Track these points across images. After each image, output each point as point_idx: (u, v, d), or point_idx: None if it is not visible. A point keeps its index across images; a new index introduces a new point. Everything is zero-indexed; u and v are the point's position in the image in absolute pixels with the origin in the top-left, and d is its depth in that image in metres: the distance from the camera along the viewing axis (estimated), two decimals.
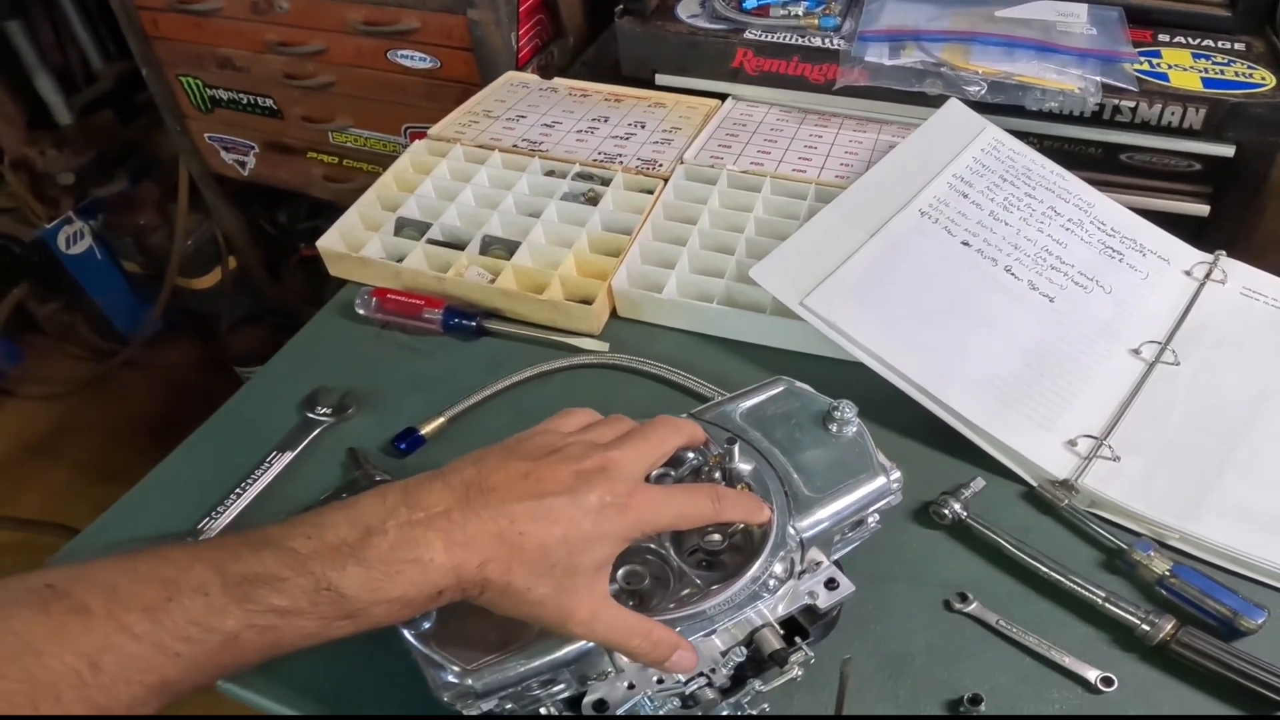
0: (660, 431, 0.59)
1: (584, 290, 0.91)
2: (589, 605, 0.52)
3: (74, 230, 2.09)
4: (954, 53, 1.10)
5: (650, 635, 0.54)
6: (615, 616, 0.53)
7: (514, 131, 1.13)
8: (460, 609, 0.54)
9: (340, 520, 0.48)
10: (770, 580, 0.59)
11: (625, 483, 0.54)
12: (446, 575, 0.48)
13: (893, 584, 0.70)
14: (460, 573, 0.48)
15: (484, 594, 0.50)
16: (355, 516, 0.49)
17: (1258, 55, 1.12)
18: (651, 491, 0.56)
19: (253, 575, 0.45)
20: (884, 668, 0.65)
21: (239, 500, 0.76)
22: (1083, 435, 0.77)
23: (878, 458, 0.64)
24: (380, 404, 0.85)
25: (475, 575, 0.49)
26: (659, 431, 0.59)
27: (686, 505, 0.56)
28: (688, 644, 0.55)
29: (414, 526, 0.48)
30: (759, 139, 1.11)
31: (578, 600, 0.52)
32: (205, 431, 0.85)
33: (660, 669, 0.55)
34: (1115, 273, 0.90)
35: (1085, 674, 0.64)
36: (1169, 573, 0.68)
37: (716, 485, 0.61)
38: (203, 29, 1.58)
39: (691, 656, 0.55)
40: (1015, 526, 0.72)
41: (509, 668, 0.53)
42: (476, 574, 0.49)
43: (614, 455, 0.55)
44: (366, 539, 0.47)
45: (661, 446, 0.59)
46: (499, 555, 0.49)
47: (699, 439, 0.63)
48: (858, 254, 0.87)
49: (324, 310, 0.96)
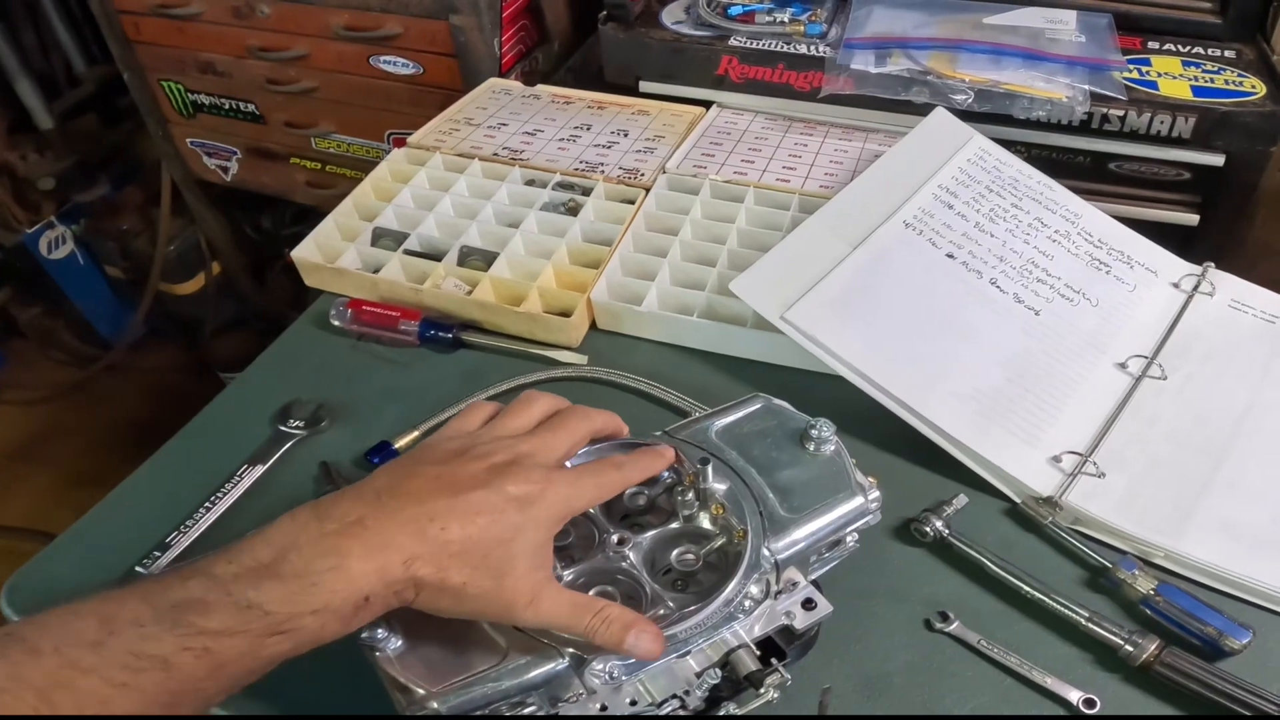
0: (570, 421, 0.61)
1: (563, 302, 0.90)
2: (530, 589, 0.52)
3: (56, 235, 2.08)
4: (941, 60, 1.09)
5: (601, 613, 0.53)
6: (560, 596, 0.54)
7: (495, 140, 1.12)
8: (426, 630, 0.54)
9: (258, 543, 0.50)
10: (746, 601, 0.58)
11: (538, 470, 0.55)
12: (369, 579, 0.49)
13: (873, 603, 0.69)
14: (385, 575, 0.49)
15: (420, 594, 0.51)
16: (271, 537, 0.50)
17: (1248, 63, 1.11)
18: (564, 475, 0.57)
19: (180, 602, 0.47)
20: (863, 688, 0.64)
21: (208, 514, 0.75)
22: (1067, 451, 0.76)
23: (856, 477, 0.63)
24: (355, 416, 0.84)
25: (403, 575, 0.49)
26: (569, 421, 0.61)
27: (599, 481, 0.58)
28: (648, 623, 0.54)
29: (327, 538, 0.50)
30: (743, 148, 1.10)
31: (519, 586, 0.52)
32: (176, 445, 0.83)
33: (622, 651, 0.54)
34: (1102, 285, 0.89)
35: (1067, 695, 0.63)
36: (1153, 591, 0.67)
37: (614, 456, 0.62)
38: (184, 33, 1.57)
39: (652, 639, 0.54)
40: (998, 544, 0.71)
41: (475, 690, 0.52)
42: (404, 573, 0.49)
43: (523, 448, 0.57)
44: (282, 556, 0.49)
45: (573, 435, 0.60)
46: (424, 553, 0.50)
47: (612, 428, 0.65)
48: (840, 266, 0.86)
49: (299, 321, 0.95)
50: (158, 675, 0.45)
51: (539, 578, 0.53)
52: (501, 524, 0.52)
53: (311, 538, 0.50)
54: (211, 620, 0.46)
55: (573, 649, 0.54)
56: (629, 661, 0.55)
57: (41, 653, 0.44)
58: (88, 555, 0.74)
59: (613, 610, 0.54)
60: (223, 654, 0.46)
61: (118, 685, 0.44)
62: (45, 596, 0.69)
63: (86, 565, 0.73)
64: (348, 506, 0.52)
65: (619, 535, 0.61)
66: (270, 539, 0.50)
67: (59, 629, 0.45)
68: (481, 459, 0.55)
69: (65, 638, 0.45)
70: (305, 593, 0.48)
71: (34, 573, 0.74)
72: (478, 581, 0.51)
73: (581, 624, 0.53)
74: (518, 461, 0.55)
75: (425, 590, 0.51)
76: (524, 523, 0.53)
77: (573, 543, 0.62)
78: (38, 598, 0.71)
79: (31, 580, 0.73)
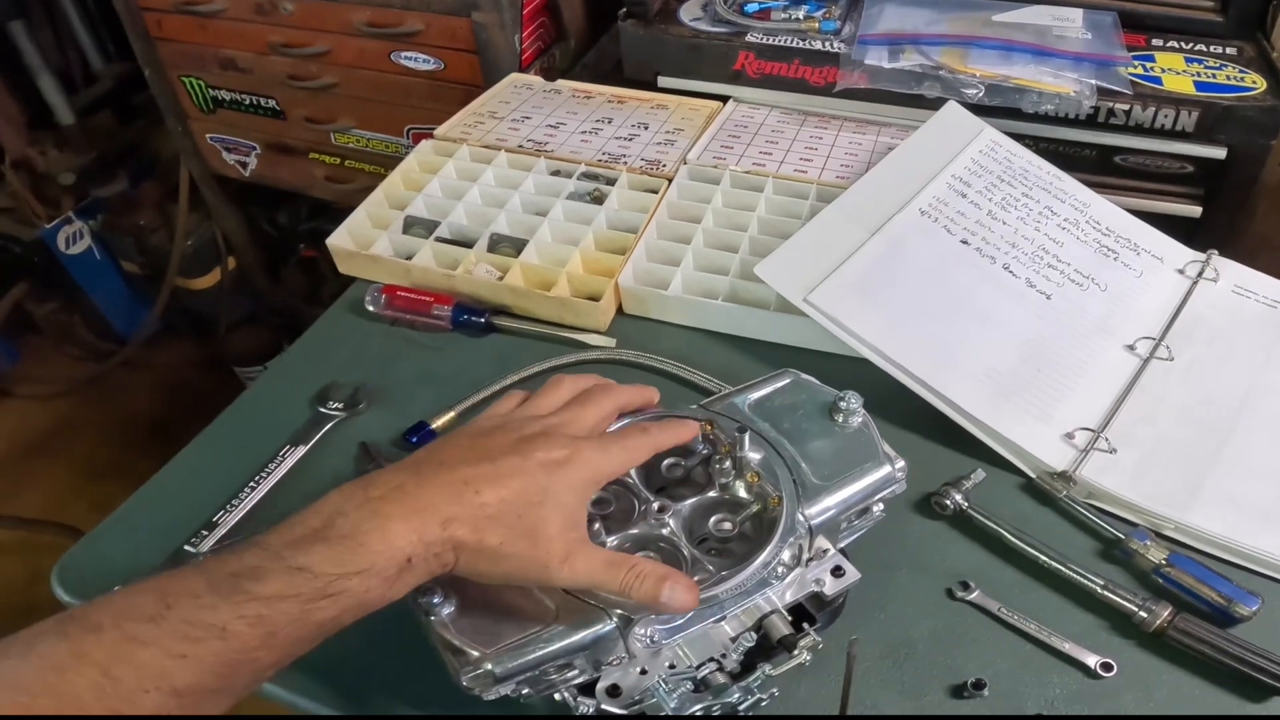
0: (598, 396, 0.64)
1: (591, 287, 0.93)
2: (564, 548, 0.54)
3: (73, 230, 2.09)
4: (952, 56, 1.12)
5: (635, 568, 0.55)
6: (595, 554, 0.56)
7: (519, 132, 1.14)
8: (478, 596, 0.56)
9: (307, 514, 0.52)
10: (779, 567, 0.60)
11: (566, 439, 0.58)
12: (410, 541, 0.51)
13: (896, 573, 0.71)
14: (424, 536, 0.51)
15: (460, 558, 0.53)
16: (319, 508, 0.52)
17: (1249, 59, 1.14)
18: (592, 442, 0.59)
19: (235, 572, 0.49)
20: (888, 654, 0.67)
21: (253, 494, 0.78)
22: (1080, 428, 0.79)
23: (883, 447, 0.65)
24: (391, 399, 0.86)
25: (441, 536, 0.52)
26: (597, 397, 0.64)
27: (626, 445, 0.60)
28: (681, 576, 0.56)
29: (370, 503, 0.52)
30: (760, 140, 1.13)
31: (552, 546, 0.54)
32: (218, 427, 0.86)
33: (656, 607, 0.55)
34: (1110, 271, 0.92)
35: (1085, 660, 0.65)
36: (1165, 561, 0.69)
37: (641, 422, 0.65)
38: (206, 30, 1.59)
39: (686, 590, 0.55)
40: (1015, 517, 0.74)
41: (526, 651, 0.54)
42: (442, 535, 0.52)
43: (552, 421, 0.60)
44: (330, 522, 0.51)
45: (600, 409, 0.63)
46: (460, 515, 0.52)
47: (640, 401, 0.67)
48: (860, 252, 0.89)
49: (334, 307, 0.97)
50: (215, 645, 0.47)
51: (572, 537, 0.55)
52: (532, 487, 0.54)
53: (356, 504, 0.52)
54: (264, 586, 0.48)
55: (620, 610, 0.56)
56: (669, 625, 0.58)
57: (102, 629, 0.46)
58: (136, 535, 0.76)
59: (646, 565, 0.55)
60: (275, 620, 0.48)
61: (176, 656, 0.46)
62: (96, 576, 0.72)
63: (135, 545, 0.75)
64: (389, 476, 0.54)
65: (659, 504, 0.63)
66: (319, 509, 0.52)
67: (118, 606, 0.47)
68: (513, 431, 0.58)
69: (124, 613, 0.47)
70: (351, 554, 0.50)
71: (84, 553, 0.75)
72: (513, 542, 0.53)
73: (616, 580, 0.55)
74: (547, 432, 0.58)
75: (464, 552, 0.53)
76: (554, 485, 0.55)
77: (614, 512, 0.64)
78: (88, 577, 0.73)
79: (81, 560, 0.75)
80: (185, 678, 0.46)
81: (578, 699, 0.57)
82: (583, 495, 0.57)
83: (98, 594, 0.69)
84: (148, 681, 0.45)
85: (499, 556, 0.53)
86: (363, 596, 0.50)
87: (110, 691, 0.44)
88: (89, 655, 0.45)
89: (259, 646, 0.48)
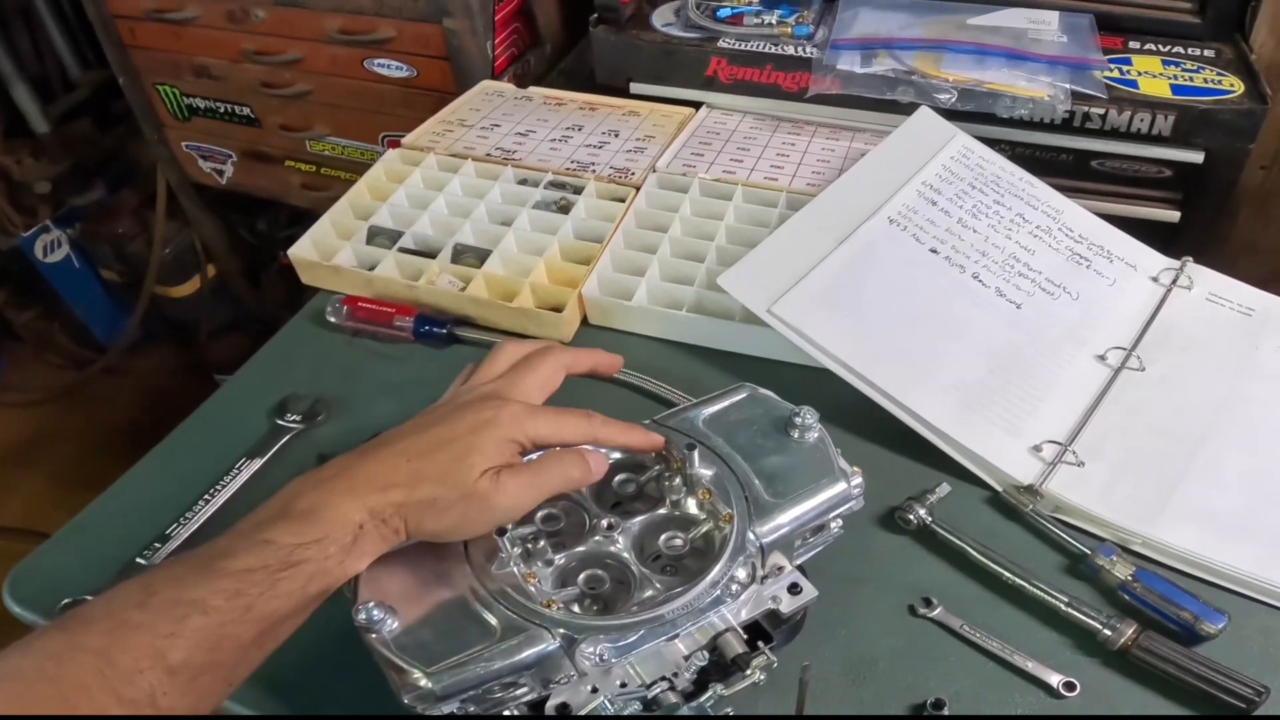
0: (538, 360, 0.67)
1: (555, 298, 0.91)
2: (489, 483, 0.58)
3: (51, 239, 2.09)
4: (925, 61, 1.11)
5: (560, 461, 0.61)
6: (519, 475, 0.59)
7: (488, 140, 1.13)
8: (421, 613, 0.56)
9: (271, 500, 0.58)
10: (733, 585, 0.59)
11: (496, 400, 0.62)
12: (357, 509, 0.56)
13: (858, 588, 0.70)
14: (368, 504, 0.56)
15: (408, 521, 0.57)
16: (281, 494, 0.58)
17: (1227, 62, 1.13)
18: (525, 404, 0.62)
19: (211, 554, 0.54)
20: (848, 672, 0.66)
21: (207, 507, 0.77)
22: (1047, 441, 0.78)
23: (839, 463, 0.64)
24: (351, 410, 0.85)
25: (383, 501, 0.56)
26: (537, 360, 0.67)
27: (560, 419, 0.62)
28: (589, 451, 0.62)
29: (323, 483, 0.57)
30: (732, 147, 1.12)
31: (480, 486, 0.57)
32: (174, 439, 0.85)
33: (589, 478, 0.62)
34: (1082, 279, 0.91)
35: (1048, 679, 0.64)
36: (1131, 578, 0.68)
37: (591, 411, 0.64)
38: (180, 38, 1.58)
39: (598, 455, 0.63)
40: (980, 531, 0.73)
41: (467, 670, 0.54)
42: (384, 500, 0.56)
43: (489, 389, 0.64)
44: (289, 504, 0.56)
45: (540, 373, 0.66)
46: (397, 481, 0.57)
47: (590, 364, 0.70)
48: (826, 261, 0.88)
49: (296, 318, 0.96)
50: (199, 619, 0.50)
51: (495, 471, 0.58)
52: (459, 444, 0.58)
53: (311, 485, 0.57)
54: (235, 562, 0.52)
55: (564, 630, 0.56)
56: (619, 644, 0.57)
57: (94, 619, 0.50)
58: (88, 548, 0.75)
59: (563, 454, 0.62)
60: (248, 591, 0.52)
61: (166, 635, 0.49)
62: (48, 589, 0.71)
63: (87, 557, 0.75)
64: (339, 460, 0.59)
65: (608, 520, 0.62)
66: (281, 494, 0.58)
67: (107, 600, 0.51)
68: (449, 405, 0.63)
69: (113, 604, 0.51)
70: (308, 525, 0.54)
71: (35, 566, 0.75)
72: (445, 493, 0.57)
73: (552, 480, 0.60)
74: (482, 398, 0.62)
75: (410, 515, 0.57)
76: (479, 441, 0.59)
77: (564, 528, 0.64)
78: (40, 590, 0.72)
79: (33, 573, 0.74)
80: (177, 654, 0.49)
81: (527, 715, 0.57)
82: (507, 449, 0.60)
83: (49, 606, 0.70)
84: (143, 661, 0.48)
85: (439, 509, 0.57)
86: (324, 564, 0.54)
87: (110, 674, 0.48)
88: (85, 644, 0.48)
89: (238, 619, 0.51)
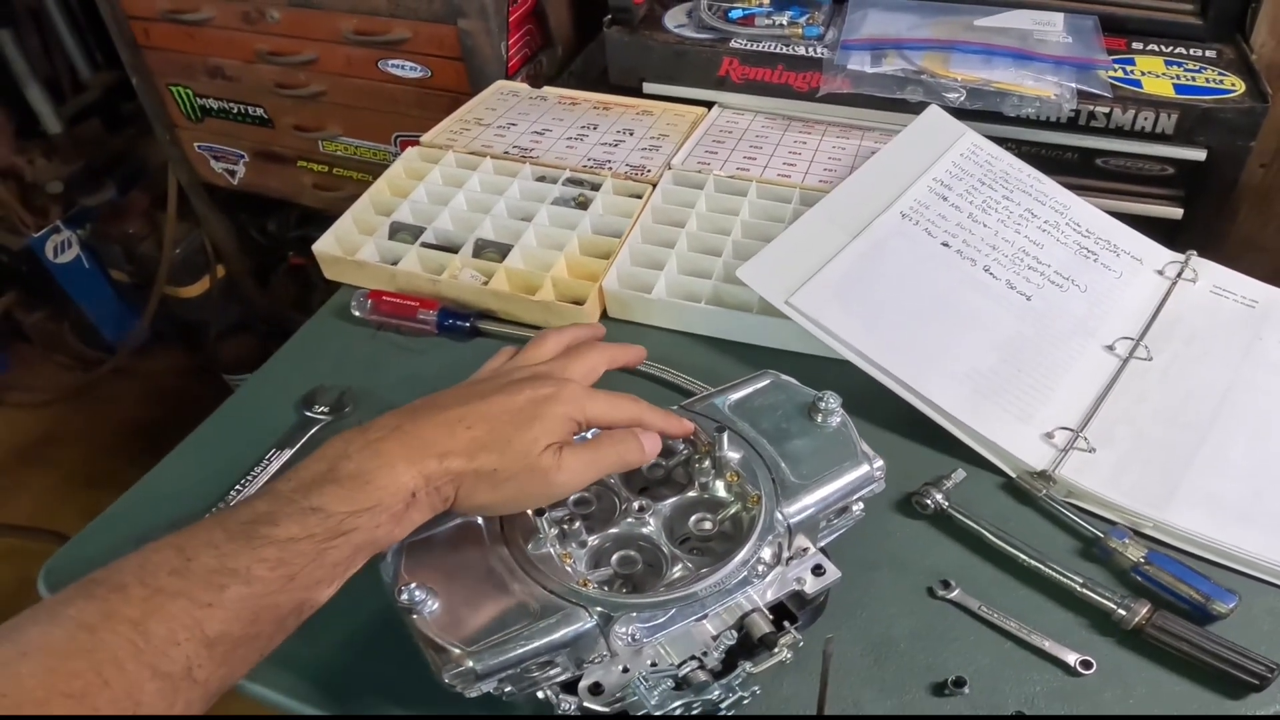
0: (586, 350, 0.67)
1: (575, 291, 0.93)
2: (553, 459, 0.58)
3: (62, 239, 2.09)
4: (934, 61, 1.13)
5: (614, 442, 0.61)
6: (581, 453, 0.59)
7: (505, 139, 1.15)
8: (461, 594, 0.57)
9: (311, 460, 0.55)
10: (759, 565, 0.61)
11: (553, 379, 0.62)
12: (411, 475, 0.54)
13: (877, 572, 0.72)
14: (424, 469, 0.54)
15: (460, 490, 0.56)
16: (323, 453, 0.55)
17: (1228, 62, 1.15)
18: (580, 385, 0.63)
19: (250, 519, 0.51)
20: (869, 652, 0.67)
21: (239, 497, 0.78)
22: (1059, 428, 0.80)
23: (861, 447, 0.66)
24: (377, 402, 0.87)
25: (439, 468, 0.55)
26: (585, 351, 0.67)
27: (614, 402, 0.63)
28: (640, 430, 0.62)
29: (371, 445, 0.55)
30: (744, 145, 1.13)
31: (544, 460, 0.57)
32: (205, 430, 0.86)
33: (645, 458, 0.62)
34: (1090, 272, 0.93)
35: (1064, 657, 0.66)
36: (1143, 559, 0.70)
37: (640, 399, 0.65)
38: (194, 39, 1.59)
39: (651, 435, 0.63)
40: (995, 516, 0.75)
41: (508, 649, 0.55)
42: (440, 466, 0.55)
43: (542, 370, 0.64)
44: (335, 465, 0.54)
45: (587, 362, 0.66)
46: (455, 448, 0.56)
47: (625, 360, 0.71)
48: (841, 254, 0.90)
49: (320, 312, 0.98)
50: (240, 590, 0.48)
51: (557, 447, 0.58)
52: (521, 417, 0.58)
53: (358, 447, 0.55)
54: (280, 529, 0.50)
55: (601, 608, 0.57)
56: (650, 624, 0.58)
57: (128, 586, 0.47)
58: (124, 537, 0.76)
59: (617, 434, 0.62)
60: (293, 561, 0.50)
61: (204, 605, 0.47)
62: None
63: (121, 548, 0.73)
64: (386, 420, 0.57)
65: (640, 503, 0.64)
66: (323, 454, 0.55)
67: (139, 565, 0.48)
68: (503, 377, 0.62)
69: (147, 570, 0.48)
70: (360, 491, 0.52)
71: (69, 555, 0.76)
72: (507, 464, 0.56)
73: (609, 458, 0.60)
74: (535, 376, 0.62)
75: (464, 483, 0.56)
76: (541, 414, 0.58)
77: (595, 512, 0.65)
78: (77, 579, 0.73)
79: (69, 563, 0.75)
80: (215, 626, 0.47)
81: (560, 697, 0.58)
82: (566, 425, 0.59)
83: None
84: (179, 633, 0.46)
85: (497, 480, 0.56)
86: (373, 533, 0.53)
87: (143, 646, 0.45)
88: (119, 613, 0.46)
89: (280, 590, 0.49)
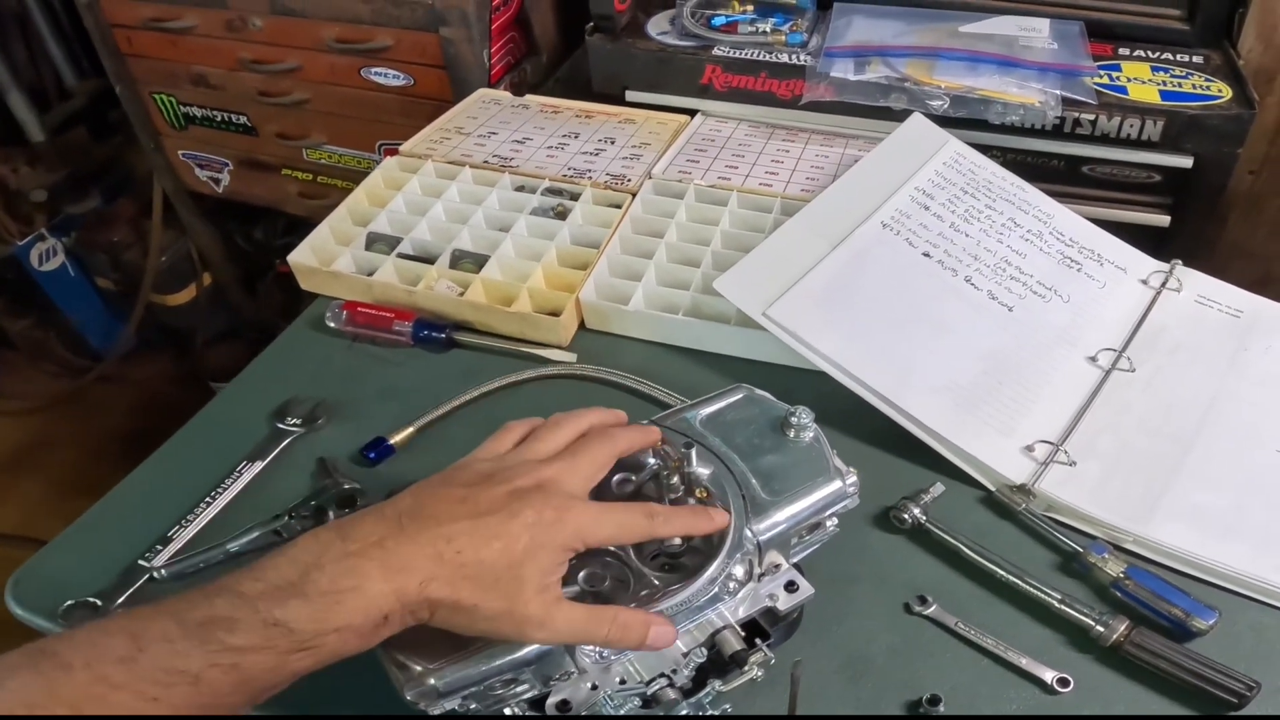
0: (595, 445, 0.61)
1: (552, 303, 0.92)
2: (540, 611, 0.53)
3: (47, 247, 2.08)
4: (918, 68, 1.12)
5: (616, 619, 0.55)
6: (573, 613, 0.55)
7: (485, 148, 1.14)
8: None
9: (282, 561, 0.51)
10: (730, 582, 0.60)
11: (561, 497, 0.56)
12: (387, 599, 0.50)
13: (854, 587, 0.71)
14: (402, 596, 0.51)
15: (435, 614, 0.52)
16: (295, 556, 0.51)
17: (1215, 68, 1.14)
18: (588, 507, 0.57)
19: (208, 619, 0.48)
20: (845, 669, 0.66)
21: (208, 509, 0.77)
22: (1040, 441, 0.79)
23: (834, 462, 0.65)
24: (351, 414, 0.86)
25: (418, 596, 0.51)
26: (594, 446, 0.61)
27: (622, 522, 0.58)
28: (660, 618, 0.56)
29: (349, 558, 0.51)
30: (727, 154, 1.13)
31: (530, 609, 0.53)
32: (176, 442, 0.85)
33: (644, 648, 0.56)
34: (1073, 282, 0.92)
35: (1042, 675, 0.65)
36: (1123, 575, 0.69)
37: (652, 504, 0.61)
38: (177, 47, 1.59)
39: (668, 629, 0.56)
40: (974, 530, 0.74)
41: (470, 667, 0.54)
42: (419, 594, 0.51)
43: (548, 474, 0.57)
44: (306, 575, 0.50)
45: (596, 460, 0.60)
46: (439, 575, 0.52)
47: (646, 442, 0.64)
48: (821, 265, 0.89)
49: (295, 323, 0.97)
50: (187, 690, 0.46)
51: (548, 599, 0.54)
52: (514, 548, 0.53)
53: (334, 557, 0.51)
54: (239, 637, 0.48)
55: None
56: None
57: (73, 668, 0.45)
58: (91, 550, 0.76)
59: (624, 614, 0.55)
60: (249, 669, 0.48)
61: (148, 700, 0.46)
62: (50, 591, 0.72)
63: (89, 559, 0.75)
64: (370, 527, 0.53)
65: None
66: (295, 557, 0.51)
67: (89, 646, 0.47)
68: (505, 483, 0.56)
69: (96, 654, 0.46)
70: (329, 611, 0.49)
71: (38, 567, 0.75)
72: (489, 603, 0.52)
73: (601, 634, 0.55)
74: (541, 487, 0.56)
75: (440, 609, 0.52)
76: (536, 548, 0.54)
77: None
78: (42, 592, 0.72)
79: (36, 575, 0.74)
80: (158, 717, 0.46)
81: (527, 714, 0.57)
82: (562, 556, 0.55)
83: (51, 608, 0.70)
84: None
85: (475, 616, 0.53)
86: (339, 649, 0.50)
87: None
88: (59, 694, 0.45)
89: (231, 692, 0.48)
